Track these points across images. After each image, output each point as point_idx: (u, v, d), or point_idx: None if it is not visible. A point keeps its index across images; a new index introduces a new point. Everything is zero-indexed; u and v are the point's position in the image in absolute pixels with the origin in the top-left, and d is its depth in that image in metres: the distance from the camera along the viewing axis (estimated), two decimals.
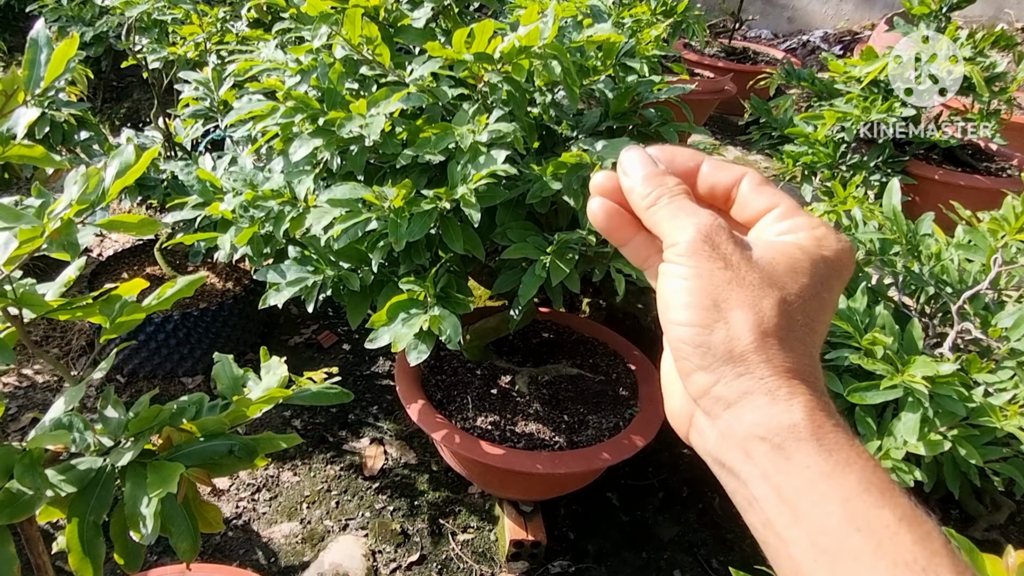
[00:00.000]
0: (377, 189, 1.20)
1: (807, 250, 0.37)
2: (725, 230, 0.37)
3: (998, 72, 1.92)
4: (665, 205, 0.39)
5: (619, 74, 1.52)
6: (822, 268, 0.37)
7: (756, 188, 0.40)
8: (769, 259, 0.37)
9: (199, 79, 2.05)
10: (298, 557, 1.61)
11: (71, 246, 0.83)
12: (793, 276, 0.36)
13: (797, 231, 0.38)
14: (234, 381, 1.04)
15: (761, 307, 0.35)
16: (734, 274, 0.36)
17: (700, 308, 0.36)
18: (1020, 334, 1.21)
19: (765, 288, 0.36)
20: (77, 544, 0.84)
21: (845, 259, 0.38)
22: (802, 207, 0.40)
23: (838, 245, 0.38)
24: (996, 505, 1.41)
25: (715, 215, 0.38)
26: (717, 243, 0.36)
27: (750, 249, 0.37)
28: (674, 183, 0.40)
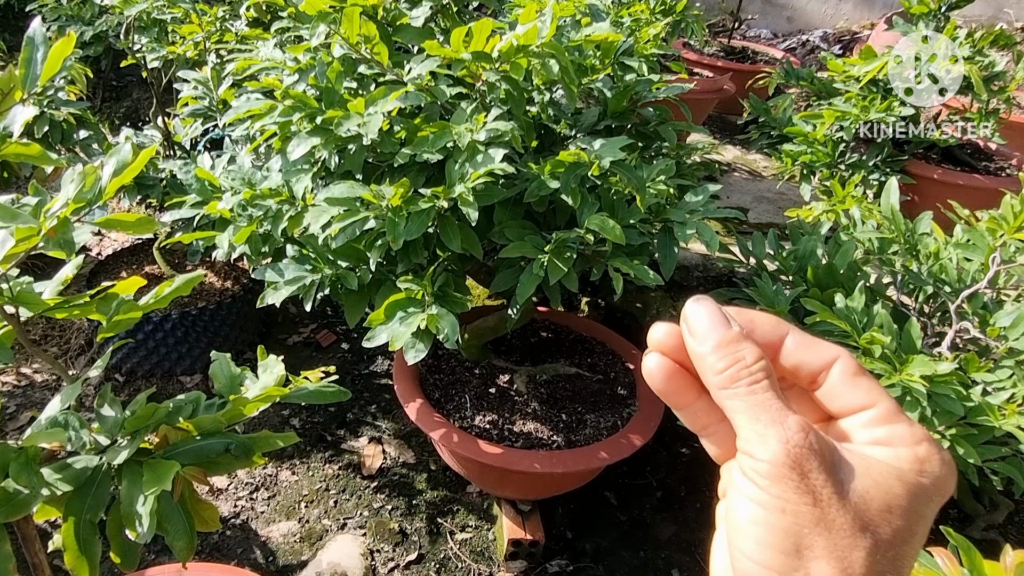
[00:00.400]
0: (375, 188, 1.20)
1: (906, 479, 0.32)
2: (816, 452, 0.31)
3: (997, 71, 1.92)
4: (744, 396, 0.33)
5: (617, 73, 1.52)
6: (920, 501, 0.32)
7: (852, 379, 0.34)
8: (863, 492, 0.32)
9: (198, 78, 2.05)
10: (296, 556, 1.61)
11: (67, 244, 0.83)
12: (887, 517, 0.31)
13: (896, 444, 0.33)
14: (231, 380, 1.04)
15: (850, 560, 0.31)
16: (822, 513, 0.31)
17: (778, 551, 0.31)
18: (1018, 333, 1.21)
19: (856, 535, 0.31)
20: (73, 542, 0.84)
21: (946, 485, 0.32)
22: (901, 409, 0.34)
23: (941, 470, 0.32)
24: (994, 504, 1.40)
25: (805, 428, 0.32)
26: (807, 471, 0.31)
27: (842, 475, 0.32)
28: (754, 360, 0.34)
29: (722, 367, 0.34)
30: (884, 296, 1.41)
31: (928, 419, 1.14)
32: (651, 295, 1.92)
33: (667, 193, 1.29)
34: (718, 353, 0.34)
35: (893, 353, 1.17)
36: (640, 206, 1.25)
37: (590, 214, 1.22)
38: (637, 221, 1.28)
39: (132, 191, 1.94)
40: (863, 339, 1.19)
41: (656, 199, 1.28)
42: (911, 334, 1.21)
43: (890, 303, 1.41)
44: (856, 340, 1.20)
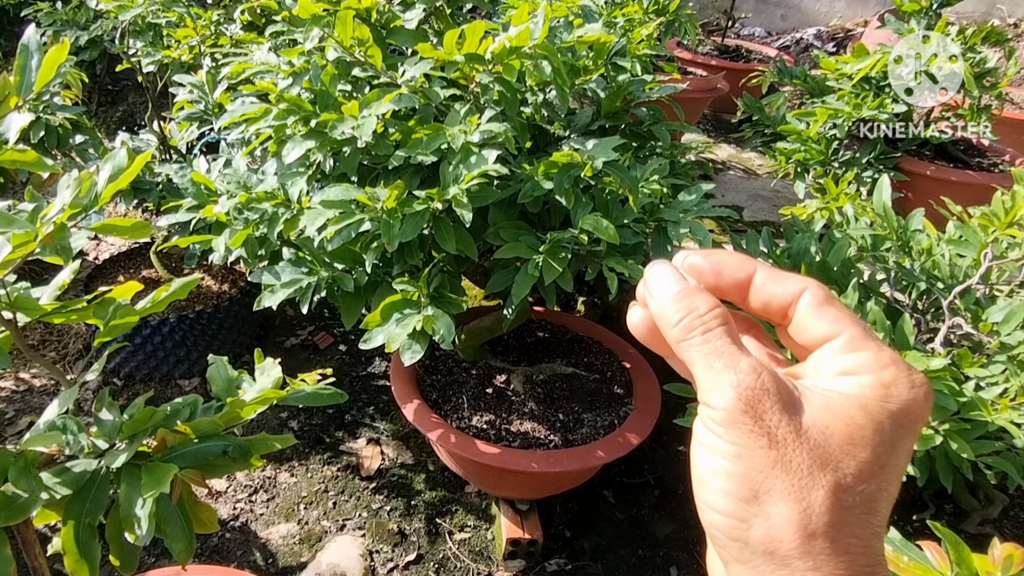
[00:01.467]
0: (370, 190, 1.21)
1: (870, 409, 0.31)
2: (770, 393, 0.31)
3: (988, 68, 1.93)
4: (698, 345, 0.33)
5: (610, 73, 1.53)
6: (888, 431, 0.31)
7: (818, 308, 0.33)
8: (822, 428, 0.31)
9: (193, 82, 2.06)
10: (296, 558, 1.62)
11: (64, 250, 0.84)
12: (850, 451, 0.30)
13: (861, 372, 0.31)
14: (229, 383, 1.05)
15: (810, 500, 0.30)
16: (779, 454, 0.30)
17: (739, 498, 0.31)
18: (1011, 328, 1.22)
19: (815, 473, 0.30)
20: (73, 546, 0.84)
21: (919, 410, 0.31)
22: (870, 334, 0.33)
23: (909, 394, 0.31)
24: (989, 499, 1.41)
25: (758, 369, 0.31)
26: (761, 412, 0.31)
27: (800, 413, 0.31)
28: (707, 308, 0.33)
29: (677, 319, 0.34)
30: (878, 293, 1.42)
31: None
32: None
33: (661, 193, 1.30)
34: (673, 307, 0.34)
35: None
36: (633, 206, 1.25)
37: (584, 214, 1.23)
38: (631, 221, 1.29)
39: (128, 195, 1.94)
40: None
41: (650, 199, 1.29)
42: (904, 330, 1.22)
43: (884, 300, 1.42)
44: None
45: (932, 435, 1.14)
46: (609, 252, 1.27)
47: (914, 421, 0.31)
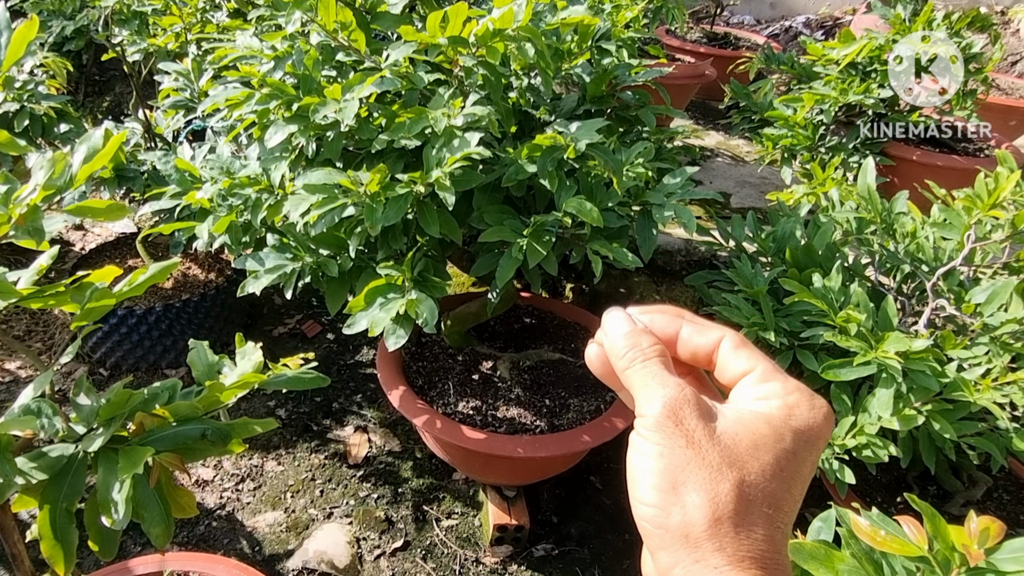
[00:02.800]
0: (352, 174, 1.20)
1: (774, 423, 0.37)
2: (690, 403, 0.37)
3: (974, 53, 1.93)
4: (638, 370, 0.39)
5: (595, 57, 1.52)
6: (788, 441, 0.37)
7: (735, 351, 0.40)
8: (733, 434, 0.37)
9: (179, 70, 2.04)
10: (282, 545, 1.61)
11: (36, 232, 0.83)
12: (755, 454, 0.36)
13: (771, 397, 0.38)
14: (209, 367, 1.04)
15: (717, 491, 0.35)
16: (695, 453, 0.36)
17: (661, 490, 0.36)
18: (993, 309, 1.22)
19: (724, 469, 0.36)
20: (49, 531, 0.83)
21: (818, 428, 0.37)
22: (778, 368, 0.39)
23: (810, 414, 0.37)
24: (973, 481, 1.42)
25: (682, 386, 0.38)
26: (682, 418, 0.37)
27: (715, 422, 0.37)
28: (648, 344, 0.40)
29: (623, 352, 0.40)
30: (862, 276, 1.42)
31: (904, 395, 1.15)
32: (635, 280, 1.93)
33: (646, 176, 1.29)
34: (622, 342, 0.41)
35: (869, 331, 1.18)
36: (618, 188, 1.25)
37: (568, 197, 1.22)
38: (615, 204, 1.29)
39: (113, 183, 1.93)
40: (839, 317, 1.20)
41: (634, 182, 1.28)
42: (887, 312, 1.22)
43: (868, 283, 1.42)
44: (833, 319, 1.21)
45: (914, 415, 1.14)
46: (593, 235, 1.26)
47: (815, 437, 0.37)
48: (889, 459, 1.20)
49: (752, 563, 0.34)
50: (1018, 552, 0.60)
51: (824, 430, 0.38)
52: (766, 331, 1.28)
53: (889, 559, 0.68)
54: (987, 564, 0.61)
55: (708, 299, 1.46)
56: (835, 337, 1.18)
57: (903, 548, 0.63)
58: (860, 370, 1.15)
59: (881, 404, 1.14)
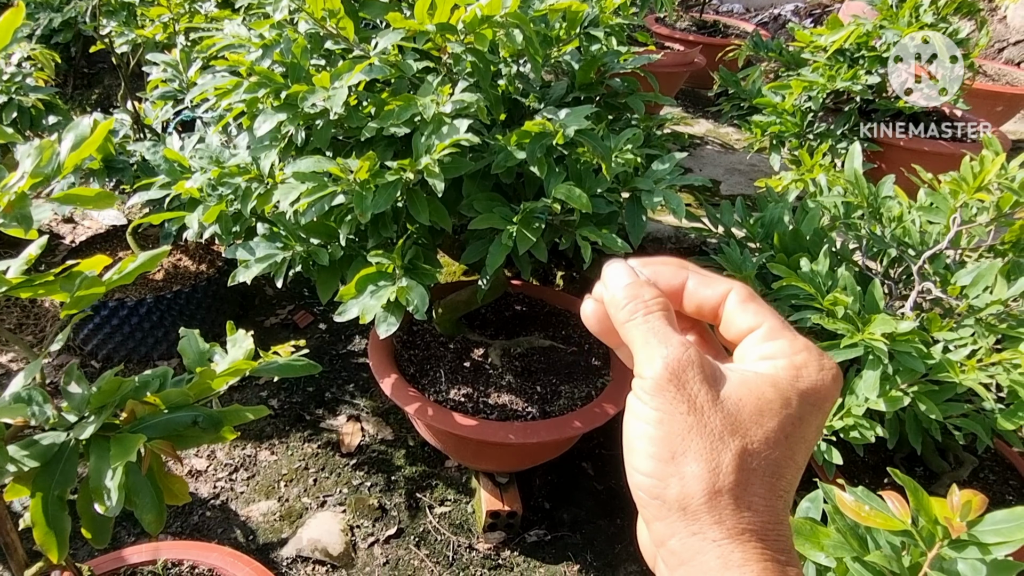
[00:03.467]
0: (341, 161, 1.20)
1: (780, 386, 0.35)
2: (694, 365, 0.35)
3: (960, 38, 1.94)
4: (639, 324, 0.37)
5: (584, 44, 1.52)
6: (795, 406, 0.35)
7: (741, 305, 0.37)
8: (736, 399, 0.35)
9: (167, 61, 2.03)
10: (276, 534, 1.62)
11: (24, 219, 0.83)
12: (759, 420, 0.34)
13: (777, 357, 0.36)
14: (200, 355, 1.04)
15: (718, 461, 0.33)
16: (696, 419, 0.34)
17: (659, 460, 0.34)
18: (978, 291, 1.24)
19: (726, 437, 0.34)
20: (41, 518, 0.84)
21: (826, 390, 0.35)
22: (787, 325, 0.37)
23: (818, 376, 0.35)
24: (959, 461, 1.44)
25: (686, 345, 0.35)
26: (684, 380, 0.34)
27: (719, 386, 0.35)
28: (651, 296, 0.38)
29: (624, 303, 0.38)
30: (850, 261, 1.43)
31: (890, 377, 1.16)
32: None
33: (635, 162, 1.30)
34: (623, 293, 0.38)
35: (856, 313, 1.19)
36: (607, 174, 1.26)
37: (557, 184, 1.23)
38: (604, 190, 1.29)
39: (102, 174, 1.92)
40: (827, 300, 1.21)
41: (623, 168, 1.29)
42: (874, 295, 1.23)
43: (855, 268, 1.43)
44: (820, 302, 1.22)
45: (900, 397, 1.15)
46: (583, 221, 1.27)
47: (822, 400, 0.35)
48: (876, 441, 1.21)
49: (752, 535, 0.33)
50: (1000, 524, 0.61)
51: (832, 391, 0.35)
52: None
53: (873, 534, 0.69)
54: (969, 536, 0.62)
55: None
56: (822, 320, 1.19)
57: (887, 523, 0.64)
58: (847, 352, 1.16)
59: (868, 386, 1.16)
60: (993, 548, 0.61)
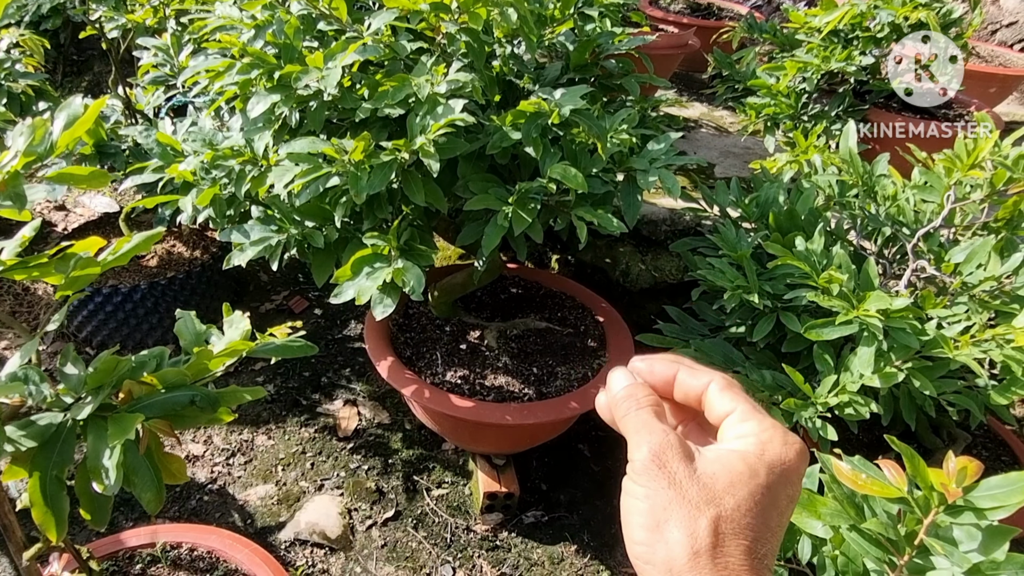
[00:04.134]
0: (336, 142, 1.19)
1: (749, 460, 0.40)
2: (674, 447, 0.41)
3: (953, 18, 1.94)
4: (632, 417, 0.43)
5: (579, 24, 1.52)
6: (762, 476, 0.40)
7: (720, 393, 0.44)
8: (711, 474, 0.40)
9: (158, 45, 2.01)
10: (274, 518, 1.62)
11: (18, 198, 0.83)
12: (731, 490, 0.39)
13: (747, 435, 0.41)
14: (196, 336, 1.04)
15: (696, 527, 0.38)
16: (676, 493, 0.39)
17: (647, 529, 0.39)
18: (972, 267, 1.24)
19: (702, 506, 0.39)
20: (40, 498, 0.84)
21: (790, 462, 0.41)
22: (758, 408, 0.43)
23: (782, 450, 0.41)
24: (952, 438, 1.45)
25: (667, 432, 0.41)
26: (665, 461, 0.40)
27: (696, 462, 0.41)
28: (644, 395, 0.45)
29: (621, 401, 0.45)
30: (844, 240, 1.44)
31: (885, 353, 1.17)
32: (620, 250, 1.94)
33: (630, 143, 1.29)
34: (622, 394, 0.45)
35: (851, 291, 1.20)
36: (602, 154, 1.25)
37: (552, 164, 1.23)
38: (599, 170, 1.29)
39: (93, 159, 1.90)
40: (822, 279, 1.21)
41: (618, 148, 1.28)
42: (868, 273, 1.23)
43: (850, 247, 1.44)
44: (815, 280, 1.22)
45: (895, 373, 1.16)
46: (578, 202, 1.27)
47: (788, 470, 0.41)
48: (870, 418, 1.22)
49: None
50: (995, 489, 0.62)
51: (797, 463, 0.41)
52: (750, 294, 1.29)
53: (870, 502, 0.69)
54: (965, 502, 0.63)
55: (693, 265, 1.47)
56: (818, 297, 1.19)
57: (884, 490, 0.65)
58: (842, 329, 1.17)
59: (863, 362, 1.16)
60: (989, 513, 0.62)
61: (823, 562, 0.83)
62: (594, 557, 1.59)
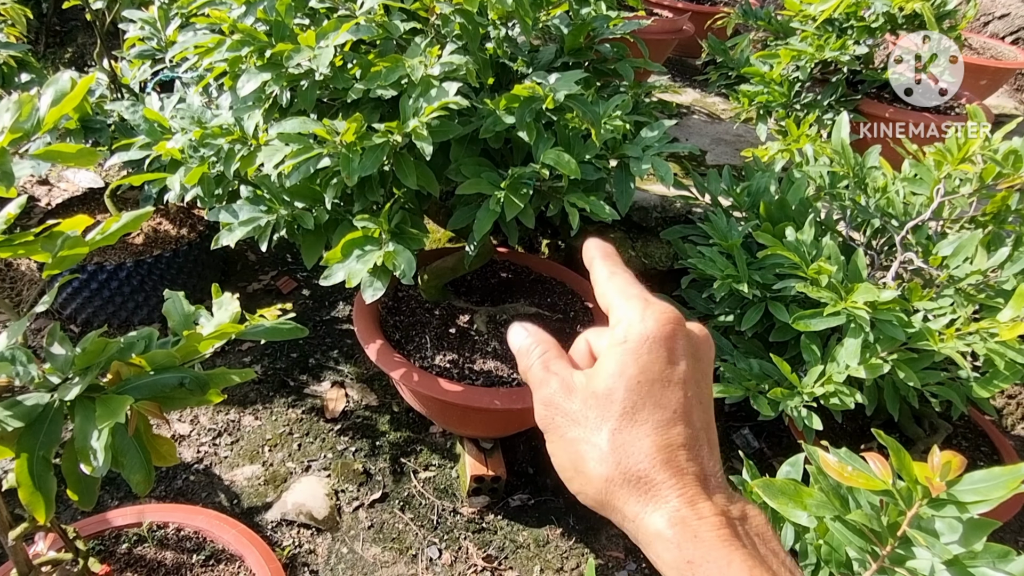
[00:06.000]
0: (328, 123, 1.18)
1: (616, 355, 0.38)
2: (557, 390, 0.40)
3: (948, 10, 1.94)
4: (529, 377, 0.42)
5: (574, 7, 1.50)
6: (631, 366, 0.37)
7: (604, 300, 0.42)
8: (598, 390, 0.38)
9: (145, 18, 1.98)
10: (261, 498, 1.62)
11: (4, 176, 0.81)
12: (613, 396, 0.37)
13: (612, 330, 0.39)
14: (185, 318, 1.03)
15: (600, 453, 0.37)
16: (579, 430, 0.38)
17: (572, 479, 0.39)
18: (959, 261, 1.26)
19: (599, 427, 0.37)
20: (27, 479, 0.83)
21: (653, 334, 0.38)
22: (625, 295, 0.40)
23: (640, 327, 0.38)
24: (934, 428, 1.47)
25: (548, 382, 0.40)
26: (556, 405, 0.39)
27: (586, 388, 0.39)
28: (530, 349, 0.43)
29: (519, 360, 0.44)
30: (834, 231, 1.45)
31: (871, 345, 1.18)
32: (610, 236, 1.94)
33: (624, 129, 1.29)
34: (518, 353, 0.44)
35: (839, 282, 1.20)
36: (596, 140, 1.25)
37: (546, 149, 1.22)
38: (593, 157, 1.29)
39: (79, 134, 1.88)
40: (811, 269, 1.22)
41: (612, 134, 1.28)
42: (857, 264, 1.24)
43: (840, 237, 1.44)
44: (804, 271, 1.23)
45: (880, 364, 1.17)
46: (571, 188, 1.27)
47: (656, 345, 0.38)
48: (854, 408, 1.23)
49: (643, 488, 0.36)
50: (978, 483, 0.63)
51: (660, 333, 0.38)
52: (739, 283, 1.30)
53: (855, 494, 0.71)
54: (948, 495, 0.64)
55: (683, 253, 1.47)
56: (807, 288, 1.20)
57: (869, 482, 0.66)
58: (830, 320, 1.18)
59: (849, 353, 1.17)
60: (971, 507, 0.63)
61: (805, 549, 0.84)
62: (579, 540, 1.60)
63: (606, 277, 0.42)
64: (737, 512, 0.36)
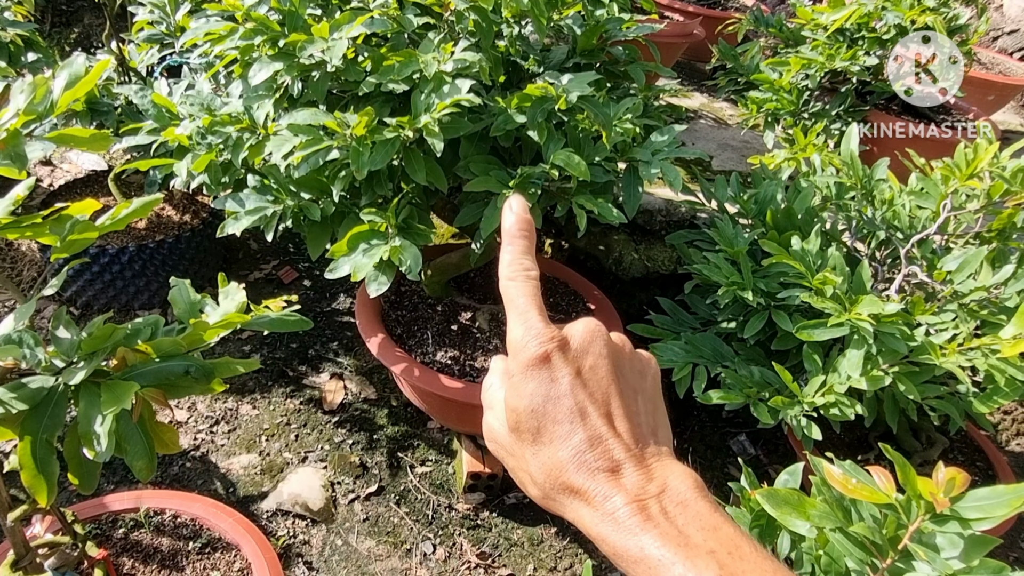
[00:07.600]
0: (339, 115, 1.18)
1: (505, 385, 0.43)
2: (492, 432, 0.45)
3: (960, 24, 1.94)
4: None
5: (587, 8, 1.50)
6: (524, 387, 0.41)
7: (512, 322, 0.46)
8: (512, 410, 0.42)
9: (154, 2, 1.97)
10: (257, 487, 1.63)
11: (18, 158, 0.81)
12: (519, 428, 0.42)
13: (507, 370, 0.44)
14: (191, 306, 1.03)
15: (530, 477, 0.41)
16: (511, 459, 0.43)
17: (531, 496, 0.43)
18: (963, 277, 1.26)
19: (529, 452, 0.41)
20: (30, 461, 0.83)
21: (532, 356, 0.41)
22: (520, 294, 0.46)
23: (531, 348, 0.42)
24: (931, 441, 1.48)
25: (489, 418, 0.45)
26: (493, 440, 0.45)
27: (503, 424, 0.43)
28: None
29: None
30: (839, 241, 1.45)
31: (873, 357, 1.19)
32: (614, 238, 1.94)
33: (633, 132, 1.29)
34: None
35: (844, 294, 1.21)
36: (607, 142, 1.25)
37: (556, 150, 1.22)
38: (602, 159, 1.29)
39: (85, 117, 1.87)
40: (816, 279, 1.22)
41: (622, 137, 1.28)
42: (862, 276, 1.25)
43: (844, 248, 1.45)
44: (809, 281, 1.23)
45: (881, 376, 1.18)
46: (579, 189, 1.27)
47: (532, 368, 0.41)
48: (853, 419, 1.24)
49: (573, 495, 0.39)
50: (981, 501, 0.64)
51: (534, 358, 0.41)
52: (744, 290, 1.30)
53: (858, 506, 0.71)
54: (951, 511, 0.64)
55: (688, 258, 1.47)
56: (811, 298, 1.20)
57: (873, 495, 0.66)
58: (833, 331, 1.18)
59: (851, 364, 1.18)
60: (973, 523, 0.63)
61: (801, 557, 0.84)
62: (573, 540, 1.61)
63: (504, 281, 0.47)
64: (656, 488, 0.38)
